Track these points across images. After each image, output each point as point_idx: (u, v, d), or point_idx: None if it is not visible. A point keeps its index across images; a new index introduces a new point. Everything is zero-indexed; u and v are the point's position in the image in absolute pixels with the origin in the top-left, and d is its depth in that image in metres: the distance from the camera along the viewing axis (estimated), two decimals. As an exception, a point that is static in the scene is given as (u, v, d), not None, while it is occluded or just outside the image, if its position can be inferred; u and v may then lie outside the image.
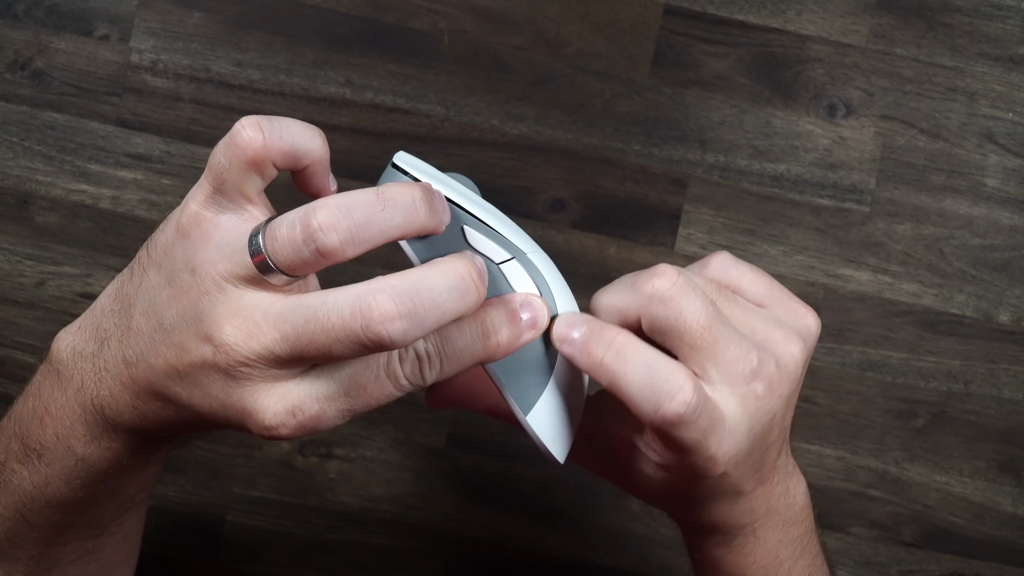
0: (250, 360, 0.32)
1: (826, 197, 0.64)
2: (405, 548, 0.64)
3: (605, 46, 0.63)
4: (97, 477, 0.38)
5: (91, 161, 0.62)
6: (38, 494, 0.39)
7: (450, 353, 0.33)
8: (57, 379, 0.37)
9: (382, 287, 0.30)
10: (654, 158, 0.63)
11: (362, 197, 0.31)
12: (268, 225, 0.32)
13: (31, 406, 0.38)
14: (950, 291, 0.64)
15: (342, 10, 0.63)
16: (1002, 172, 0.64)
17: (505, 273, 0.35)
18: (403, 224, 0.31)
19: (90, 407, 0.36)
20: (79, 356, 0.37)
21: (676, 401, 0.34)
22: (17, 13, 0.62)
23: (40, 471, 0.38)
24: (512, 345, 0.34)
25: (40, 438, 0.38)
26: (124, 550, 0.45)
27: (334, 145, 0.63)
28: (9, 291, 0.62)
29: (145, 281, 0.35)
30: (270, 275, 0.32)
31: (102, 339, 0.36)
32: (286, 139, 0.33)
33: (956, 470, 0.65)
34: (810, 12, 0.64)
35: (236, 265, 0.32)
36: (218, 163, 0.33)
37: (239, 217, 0.34)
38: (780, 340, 0.37)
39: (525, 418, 0.36)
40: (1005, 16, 0.64)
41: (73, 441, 0.37)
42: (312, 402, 0.32)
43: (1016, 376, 0.64)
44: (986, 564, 0.65)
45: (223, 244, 0.33)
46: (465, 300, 0.31)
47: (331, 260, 0.31)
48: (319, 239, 0.31)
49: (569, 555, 0.64)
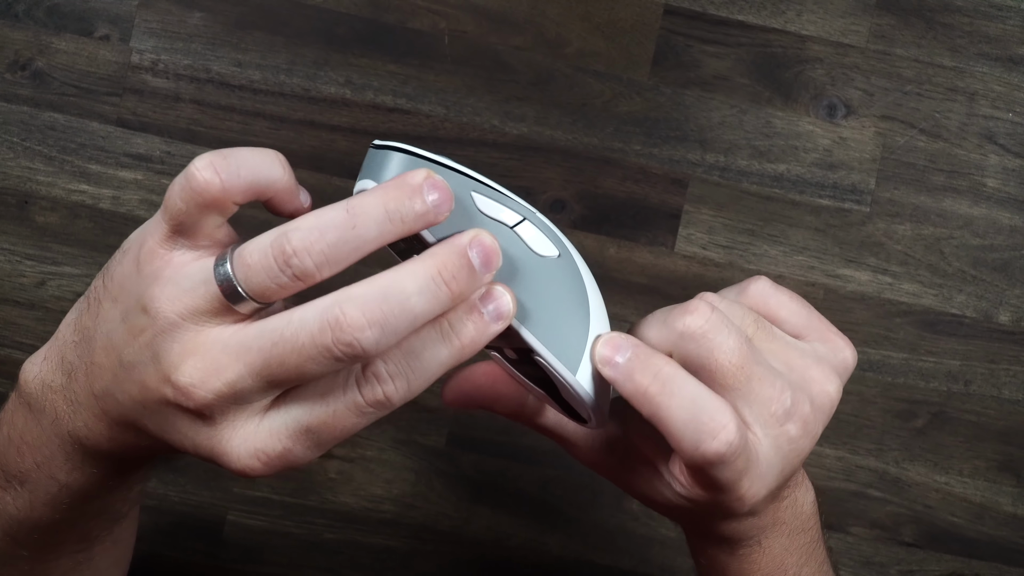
0: (212, 400, 0.31)
1: (826, 197, 0.64)
2: (405, 548, 0.64)
3: (605, 46, 0.63)
4: (83, 500, 0.37)
5: (91, 161, 0.62)
6: (24, 517, 0.38)
7: (414, 366, 0.31)
8: (29, 411, 0.36)
9: (349, 297, 0.29)
10: (654, 158, 0.63)
11: (333, 216, 0.30)
12: (235, 252, 0.31)
13: (6, 434, 0.38)
14: (950, 291, 0.64)
15: (342, 10, 0.63)
16: (1002, 172, 0.64)
17: (520, 234, 0.34)
18: (378, 236, 0.30)
19: (67, 438, 0.36)
20: (48, 388, 0.36)
21: (718, 440, 0.33)
22: (17, 13, 0.62)
23: (23, 497, 0.37)
24: (479, 342, 0.32)
25: (20, 467, 0.37)
26: (116, 554, 0.44)
27: (334, 145, 0.63)
28: (9, 291, 0.62)
29: (102, 314, 0.34)
30: (239, 303, 0.31)
31: (69, 371, 0.35)
32: (244, 176, 0.32)
33: (956, 470, 0.65)
34: (810, 12, 0.64)
35: (196, 299, 0.31)
36: (174, 206, 0.32)
37: (194, 253, 0.32)
38: (817, 378, 0.36)
39: (575, 377, 0.35)
40: (1005, 16, 0.64)
41: (55, 469, 0.36)
42: (276, 442, 0.31)
43: (1016, 376, 0.64)
44: (986, 564, 0.65)
45: (179, 280, 0.32)
46: (437, 300, 0.30)
47: (307, 284, 0.30)
48: (294, 263, 0.30)
49: (569, 555, 0.64)
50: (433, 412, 0.63)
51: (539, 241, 0.34)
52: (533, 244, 0.34)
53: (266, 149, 0.33)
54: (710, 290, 0.37)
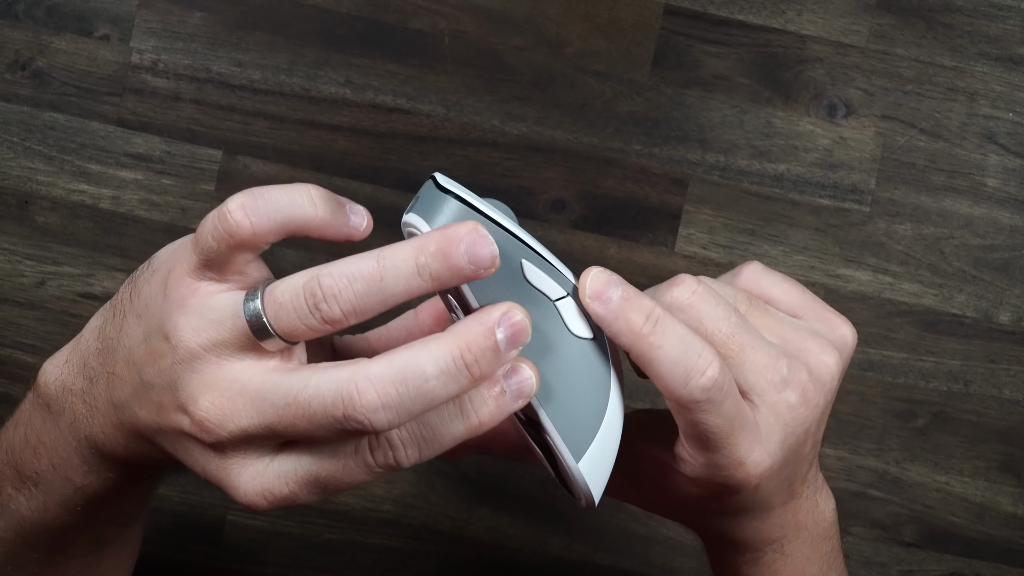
0: (225, 437, 0.31)
1: (826, 197, 0.64)
2: (405, 548, 0.64)
3: (605, 46, 0.63)
4: (96, 503, 0.38)
5: (91, 161, 0.62)
6: (37, 519, 0.38)
7: (428, 437, 0.31)
8: (48, 412, 0.37)
9: (367, 374, 0.29)
10: (654, 158, 0.63)
11: (362, 266, 0.30)
12: (267, 290, 0.31)
13: (23, 435, 0.38)
14: (950, 291, 0.64)
15: (343, 10, 0.63)
16: (1002, 172, 0.64)
17: (560, 310, 0.33)
18: (406, 291, 0.30)
19: (84, 442, 0.36)
20: (68, 391, 0.36)
21: (706, 376, 0.32)
22: (17, 13, 0.62)
23: (38, 498, 0.38)
24: (496, 419, 0.31)
25: (35, 467, 0.37)
26: (123, 556, 0.45)
27: (334, 145, 0.63)
28: (9, 291, 0.62)
29: (125, 327, 0.34)
30: (266, 340, 0.31)
31: (90, 377, 0.35)
32: (275, 217, 0.31)
33: (956, 470, 0.65)
34: (810, 12, 0.64)
35: (221, 331, 0.31)
36: (206, 243, 0.32)
37: (222, 285, 0.32)
38: (813, 349, 0.36)
39: (577, 465, 0.34)
40: (1005, 16, 0.64)
41: (71, 472, 0.36)
42: (282, 485, 0.31)
43: (1016, 376, 0.64)
44: (986, 564, 0.65)
45: (204, 311, 0.32)
46: (456, 384, 0.30)
47: (335, 329, 0.30)
48: (323, 308, 0.30)
49: (569, 555, 0.64)
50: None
51: (577, 320, 0.34)
52: (570, 322, 0.33)
53: (299, 185, 0.32)
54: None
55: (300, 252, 0.61)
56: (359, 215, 0.33)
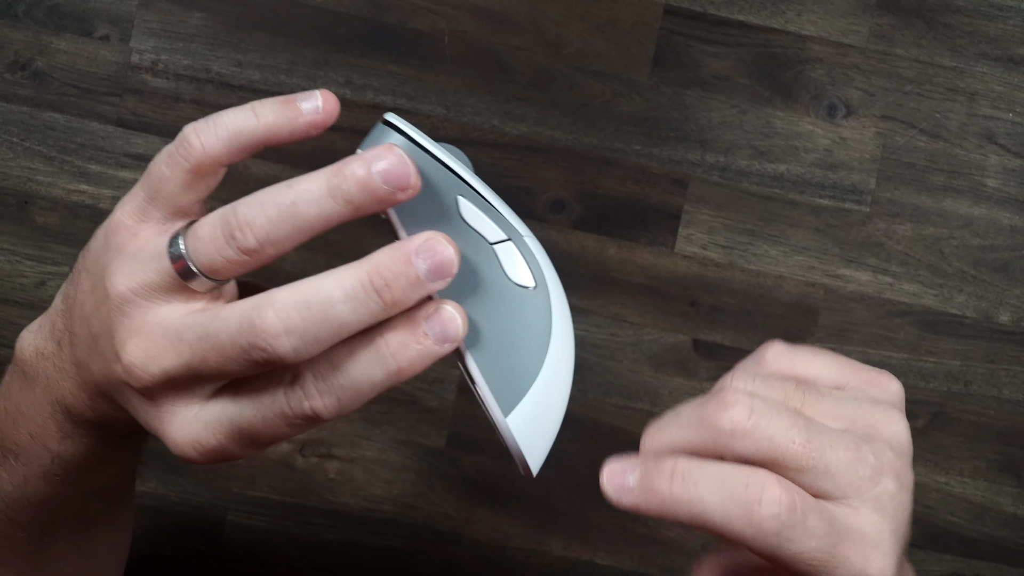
0: (150, 382, 0.30)
1: (826, 197, 0.64)
2: (405, 548, 0.64)
3: (605, 46, 0.63)
4: (76, 472, 0.37)
5: (91, 161, 0.62)
6: (19, 494, 0.38)
7: (345, 384, 0.29)
8: (24, 379, 0.37)
9: (270, 300, 0.28)
10: (654, 158, 0.63)
11: (275, 192, 0.29)
12: (190, 227, 0.30)
13: (3, 407, 0.38)
14: (950, 291, 0.64)
15: (342, 10, 0.63)
16: (1002, 172, 0.64)
17: (498, 254, 0.31)
18: (319, 215, 0.29)
19: (57, 406, 0.36)
20: (41, 356, 0.36)
21: (765, 501, 0.29)
22: (17, 13, 0.62)
23: (18, 471, 0.37)
24: (418, 366, 0.29)
25: (15, 438, 0.37)
26: (114, 539, 0.44)
27: (334, 145, 0.63)
28: (9, 291, 0.62)
29: (80, 285, 0.34)
30: (192, 280, 0.30)
31: (58, 340, 0.35)
32: (222, 135, 0.31)
33: (956, 470, 0.65)
34: (810, 12, 0.64)
35: (151, 273, 0.30)
36: (159, 172, 0.31)
37: (161, 227, 0.32)
38: (882, 420, 0.32)
39: (504, 420, 0.32)
40: (1005, 16, 0.64)
41: (47, 439, 0.36)
42: (210, 436, 0.31)
43: (1016, 376, 0.64)
44: (986, 564, 0.65)
45: (138, 253, 0.31)
46: (366, 310, 0.28)
47: (256, 260, 0.29)
48: (238, 237, 0.29)
49: (569, 555, 0.64)
50: (433, 412, 0.63)
51: (517, 266, 0.32)
52: (509, 268, 0.32)
53: (248, 104, 0.32)
54: (710, 289, 0.36)
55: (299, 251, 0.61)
56: (310, 99, 0.32)
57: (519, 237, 0.32)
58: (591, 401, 0.63)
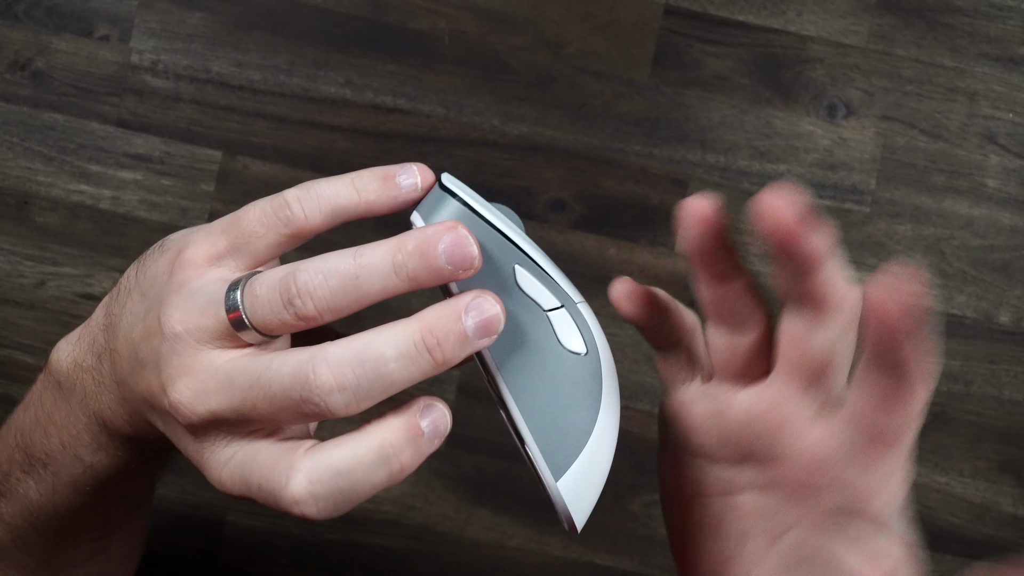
0: (197, 421, 0.31)
1: (826, 198, 0.64)
2: (405, 548, 0.63)
3: (605, 46, 0.63)
4: (106, 483, 0.38)
5: (91, 162, 0.62)
6: (45, 503, 0.38)
7: (345, 488, 0.29)
8: (59, 390, 0.37)
9: (324, 356, 0.28)
10: (654, 158, 0.63)
11: (339, 263, 0.29)
12: (248, 280, 0.30)
13: (33, 415, 0.38)
14: (950, 291, 0.64)
15: (342, 10, 0.63)
16: (1002, 173, 0.64)
17: (552, 321, 0.32)
18: (382, 290, 0.29)
19: (93, 418, 0.36)
20: (79, 368, 0.36)
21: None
22: (17, 13, 0.62)
23: (46, 480, 0.38)
24: (415, 463, 0.30)
25: (45, 447, 0.37)
26: (130, 544, 0.45)
27: (334, 145, 0.63)
28: (9, 291, 0.62)
29: (129, 305, 0.34)
30: (243, 332, 0.30)
31: (98, 354, 0.36)
32: (324, 209, 0.31)
33: (956, 471, 0.65)
34: (810, 12, 0.64)
35: (206, 318, 0.31)
36: (251, 230, 0.32)
37: (229, 274, 0.32)
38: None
39: (555, 484, 0.32)
40: (1005, 16, 0.64)
41: (80, 449, 0.37)
42: (239, 481, 0.31)
43: (1016, 376, 0.64)
44: (986, 564, 0.65)
45: (197, 295, 0.31)
46: (417, 368, 0.29)
47: (311, 325, 0.30)
48: (297, 304, 0.29)
49: (569, 555, 0.64)
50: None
51: (570, 333, 0.33)
52: (562, 335, 0.32)
53: (347, 175, 0.32)
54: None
55: (297, 252, 0.61)
56: (408, 175, 0.32)
57: (572, 304, 0.33)
58: (591, 401, 0.63)
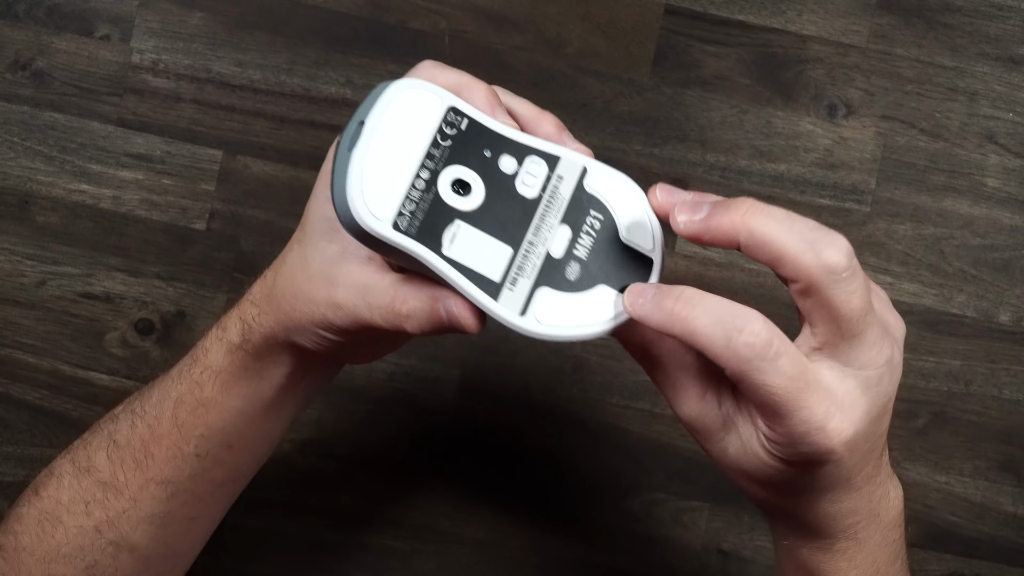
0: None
1: (826, 197, 0.64)
2: (405, 548, 0.64)
3: (605, 46, 0.63)
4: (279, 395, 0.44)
5: (92, 161, 0.62)
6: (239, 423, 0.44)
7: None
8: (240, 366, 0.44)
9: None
10: (655, 158, 0.63)
11: None
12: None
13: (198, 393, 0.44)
14: (950, 291, 0.64)
15: (342, 10, 0.63)
16: (1002, 172, 0.64)
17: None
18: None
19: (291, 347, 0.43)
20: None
21: (746, 332, 0.33)
22: (18, 13, 0.62)
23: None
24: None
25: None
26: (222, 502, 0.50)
27: (334, 145, 0.63)
28: (9, 291, 0.62)
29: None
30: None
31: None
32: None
33: (956, 470, 0.65)
34: (810, 12, 0.64)
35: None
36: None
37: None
38: (893, 322, 0.37)
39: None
40: (1005, 16, 0.64)
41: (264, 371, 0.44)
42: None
43: (1016, 376, 0.64)
44: (986, 564, 0.65)
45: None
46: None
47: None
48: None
49: (569, 555, 0.64)
50: (433, 412, 0.63)
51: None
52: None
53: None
54: (710, 289, 0.36)
55: (300, 252, 0.61)
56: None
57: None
58: (591, 401, 0.63)
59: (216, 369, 0.43)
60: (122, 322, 0.62)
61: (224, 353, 0.43)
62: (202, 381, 0.43)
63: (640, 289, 0.36)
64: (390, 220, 0.34)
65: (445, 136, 0.36)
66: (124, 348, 0.62)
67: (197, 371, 0.43)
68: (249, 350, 0.42)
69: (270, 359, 0.42)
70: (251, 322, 0.42)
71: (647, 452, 0.63)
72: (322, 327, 0.39)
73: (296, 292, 0.40)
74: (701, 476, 0.63)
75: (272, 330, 0.41)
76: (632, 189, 0.38)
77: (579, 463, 0.63)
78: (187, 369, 0.44)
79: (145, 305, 0.63)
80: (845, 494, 0.37)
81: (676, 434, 0.63)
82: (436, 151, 0.36)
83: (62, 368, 0.62)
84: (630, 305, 0.35)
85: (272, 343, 0.42)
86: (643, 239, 0.37)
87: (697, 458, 0.63)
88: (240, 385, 0.43)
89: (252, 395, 0.43)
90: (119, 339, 0.62)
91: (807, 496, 0.38)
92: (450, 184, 0.36)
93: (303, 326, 0.40)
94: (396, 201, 0.35)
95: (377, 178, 0.35)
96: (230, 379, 0.43)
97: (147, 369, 0.62)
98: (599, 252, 0.37)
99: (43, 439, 0.62)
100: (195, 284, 0.63)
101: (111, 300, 0.62)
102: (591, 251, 0.37)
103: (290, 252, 0.41)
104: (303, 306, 0.39)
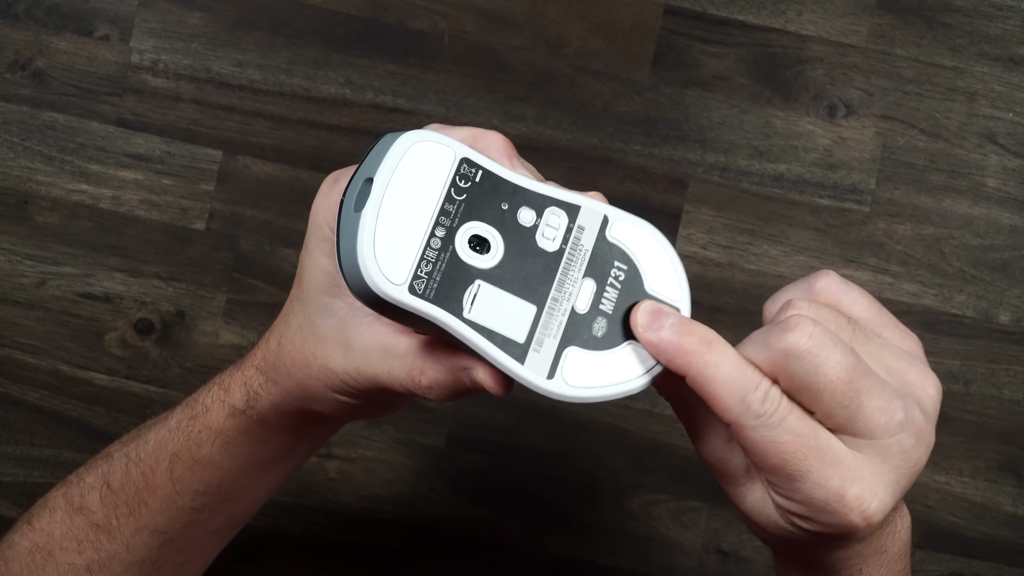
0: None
1: (826, 197, 0.64)
2: (405, 548, 0.63)
3: (605, 46, 0.63)
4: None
5: (91, 161, 0.62)
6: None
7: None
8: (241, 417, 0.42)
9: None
10: (654, 158, 0.63)
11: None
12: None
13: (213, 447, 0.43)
14: (950, 291, 0.64)
15: (342, 10, 0.63)
16: (1002, 172, 0.64)
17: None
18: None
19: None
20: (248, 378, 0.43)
21: (760, 389, 0.32)
22: (17, 13, 0.62)
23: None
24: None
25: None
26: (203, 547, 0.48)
27: (334, 145, 0.63)
28: (9, 291, 0.62)
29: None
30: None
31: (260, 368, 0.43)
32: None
33: (956, 470, 0.65)
34: (810, 12, 0.64)
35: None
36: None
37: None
38: (917, 382, 0.34)
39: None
40: (1005, 16, 0.64)
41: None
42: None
43: (1016, 376, 0.64)
44: (986, 564, 0.65)
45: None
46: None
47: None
48: None
49: (569, 555, 0.64)
50: (433, 412, 0.63)
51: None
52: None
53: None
54: (710, 289, 0.37)
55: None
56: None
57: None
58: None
59: (217, 430, 0.41)
60: (121, 322, 0.62)
61: (226, 416, 0.41)
62: (201, 440, 0.41)
63: (660, 311, 0.34)
64: (406, 284, 0.32)
65: (460, 190, 0.34)
66: (123, 348, 0.62)
67: (196, 428, 0.42)
68: (253, 416, 0.41)
69: (276, 423, 0.41)
70: (258, 390, 0.40)
71: (647, 452, 0.63)
72: (340, 392, 0.38)
73: (308, 359, 0.38)
74: (701, 476, 0.63)
75: (281, 399, 0.40)
76: (656, 237, 0.36)
77: (579, 463, 0.63)
78: (185, 423, 0.42)
79: (144, 305, 0.63)
80: (855, 544, 0.36)
81: (676, 434, 0.63)
82: (450, 206, 0.33)
83: (62, 368, 0.62)
84: (644, 324, 0.34)
85: (281, 411, 0.40)
86: (669, 289, 0.35)
87: (697, 458, 0.63)
88: (243, 447, 0.42)
89: (254, 456, 0.42)
90: (119, 339, 0.62)
91: (818, 550, 0.37)
92: (467, 241, 0.33)
93: (319, 393, 0.38)
94: (411, 263, 0.32)
95: (390, 240, 0.32)
96: (231, 441, 0.41)
97: (147, 369, 0.62)
98: (625, 305, 0.35)
99: (43, 439, 0.62)
100: (194, 284, 0.63)
101: (110, 300, 0.62)
102: (617, 304, 0.34)
103: (292, 314, 0.39)
104: (318, 374, 0.38)
